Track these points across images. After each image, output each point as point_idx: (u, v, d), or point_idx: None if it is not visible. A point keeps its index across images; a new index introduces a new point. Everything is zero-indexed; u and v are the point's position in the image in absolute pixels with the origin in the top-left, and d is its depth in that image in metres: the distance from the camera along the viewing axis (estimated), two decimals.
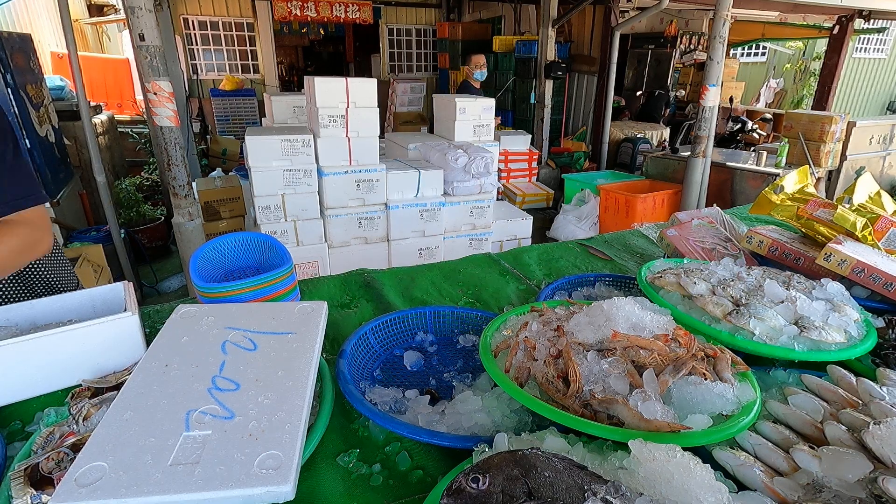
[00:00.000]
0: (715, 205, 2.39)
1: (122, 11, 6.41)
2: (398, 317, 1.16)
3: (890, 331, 1.08)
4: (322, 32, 12.51)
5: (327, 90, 3.20)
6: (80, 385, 0.87)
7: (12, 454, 0.78)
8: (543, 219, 5.86)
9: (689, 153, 4.74)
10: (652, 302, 1.01)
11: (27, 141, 3.46)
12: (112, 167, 5.54)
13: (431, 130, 5.11)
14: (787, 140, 4.88)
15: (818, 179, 4.93)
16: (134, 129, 6.52)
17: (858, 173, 4.89)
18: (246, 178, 3.59)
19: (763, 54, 11.94)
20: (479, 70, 5.19)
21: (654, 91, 8.64)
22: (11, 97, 3.33)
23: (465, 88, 5.36)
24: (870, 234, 1.34)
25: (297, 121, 4.23)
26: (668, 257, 1.50)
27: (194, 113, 7.88)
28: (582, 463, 0.63)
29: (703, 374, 0.81)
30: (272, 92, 6.19)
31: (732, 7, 4.21)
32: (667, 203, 5.05)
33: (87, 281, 3.15)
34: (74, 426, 0.76)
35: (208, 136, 7.74)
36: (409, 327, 1.16)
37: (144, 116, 6.70)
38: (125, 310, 0.96)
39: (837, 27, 7.63)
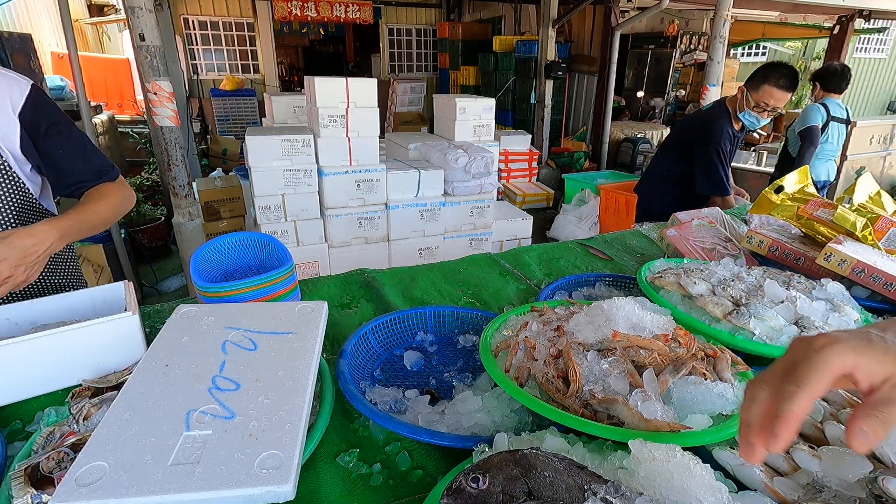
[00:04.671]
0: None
1: (122, 11, 6.41)
2: (398, 317, 1.16)
3: None
4: (322, 32, 12.51)
5: (327, 90, 3.21)
6: (81, 385, 0.87)
7: (13, 454, 0.78)
8: (543, 219, 5.86)
9: None
10: (652, 302, 1.01)
11: None
12: None
13: (431, 130, 5.11)
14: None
15: None
16: (134, 129, 6.52)
17: (858, 173, 4.89)
18: (246, 178, 3.59)
19: (763, 54, 11.94)
20: (752, 111, 2.38)
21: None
22: None
23: (716, 121, 2.47)
24: (870, 234, 1.34)
25: (298, 121, 4.24)
26: (668, 257, 1.50)
27: (194, 113, 7.88)
28: (582, 463, 0.63)
29: (703, 374, 0.81)
30: (272, 92, 6.20)
31: (732, 7, 4.22)
32: None
33: (86, 281, 3.14)
34: (75, 426, 0.76)
35: (208, 136, 7.74)
36: (409, 327, 1.16)
37: (144, 116, 6.70)
38: (125, 310, 0.96)
39: (837, 27, 7.63)
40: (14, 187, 1.13)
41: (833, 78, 3.83)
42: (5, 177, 1.10)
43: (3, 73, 1.08)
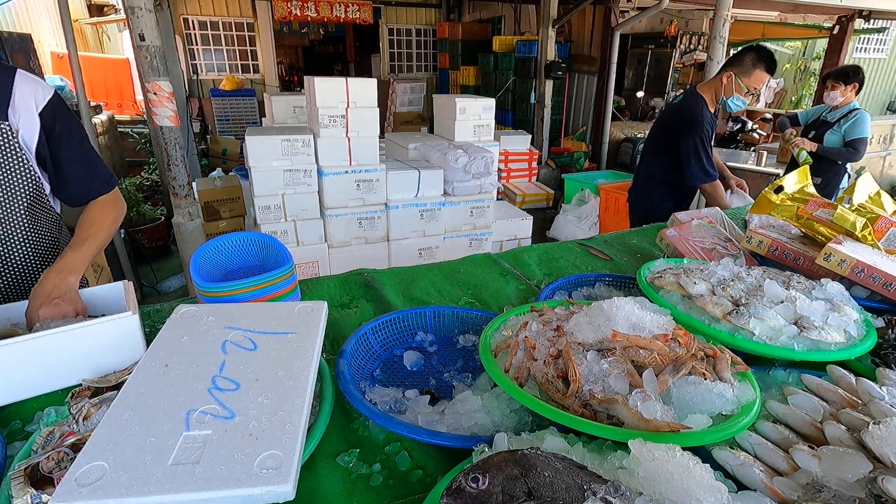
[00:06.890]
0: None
1: (122, 11, 6.41)
2: (398, 317, 1.16)
3: (889, 331, 1.08)
4: (322, 32, 12.51)
5: (327, 90, 3.20)
6: (81, 385, 0.87)
7: (12, 454, 0.78)
8: (543, 219, 5.86)
9: None
10: (652, 302, 1.01)
11: None
12: (112, 167, 5.54)
13: (431, 130, 5.11)
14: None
15: None
16: (134, 129, 6.52)
17: (858, 173, 4.90)
18: (246, 178, 3.59)
19: None
20: (744, 96, 2.36)
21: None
22: None
23: (693, 110, 2.43)
24: (869, 234, 1.34)
25: (297, 121, 4.23)
26: (668, 257, 1.50)
27: (194, 113, 7.87)
28: (582, 463, 0.63)
29: (703, 373, 0.81)
30: (272, 92, 6.20)
31: (732, 7, 4.22)
32: None
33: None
34: (74, 426, 0.76)
35: (208, 136, 7.73)
36: (409, 327, 1.16)
37: (144, 116, 6.70)
38: (125, 310, 0.96)
39: (837, 27, 7.63)
40: (30, 181, 1.19)
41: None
42: (24, 169, 1.16)
43: (32, 77, 1.19)
